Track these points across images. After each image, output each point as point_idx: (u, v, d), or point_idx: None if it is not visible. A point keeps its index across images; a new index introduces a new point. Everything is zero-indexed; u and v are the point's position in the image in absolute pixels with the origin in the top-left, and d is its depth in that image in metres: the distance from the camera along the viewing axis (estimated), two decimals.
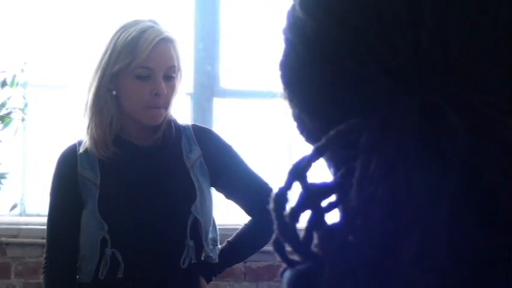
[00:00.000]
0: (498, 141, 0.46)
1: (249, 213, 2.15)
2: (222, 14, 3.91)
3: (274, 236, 0.49)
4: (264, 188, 2.09)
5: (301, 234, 0.49)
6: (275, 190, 0.49)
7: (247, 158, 2.17)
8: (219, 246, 2.11)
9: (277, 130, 3.85)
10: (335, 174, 0.53)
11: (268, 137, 3.92)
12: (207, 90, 3.86)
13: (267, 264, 3.53)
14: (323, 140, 0.49)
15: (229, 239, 2.15)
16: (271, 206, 0.49)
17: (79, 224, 2.01)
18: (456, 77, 0.49)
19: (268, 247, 0.54)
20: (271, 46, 3.70)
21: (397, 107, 0.48)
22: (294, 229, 0.49)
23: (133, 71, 1.96)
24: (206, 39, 3.87)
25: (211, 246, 2.06)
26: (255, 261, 3.47)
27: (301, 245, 0.49)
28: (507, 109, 0.48)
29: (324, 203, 0.49)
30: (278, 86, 0.58)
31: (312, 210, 0.49)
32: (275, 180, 2.11)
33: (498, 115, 0.47)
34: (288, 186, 0.49)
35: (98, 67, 1.98)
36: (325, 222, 0.49)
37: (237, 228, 2.18)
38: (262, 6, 3.89)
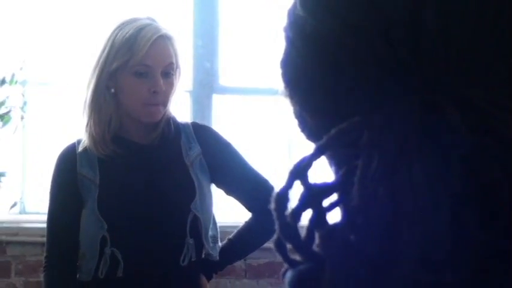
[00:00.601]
0: (499, 139, 0.46)
1: (249, 210, 2.15)
2: (221, 10, 3.91)
3: (275, 235, 0.49)
4: (264, 185, 2.09)
5: (303, 234, 0.49)
6: (276, 190, 0.49)
7: (246, 155, 2.17)
8: (220, 244, 2.11)
9: (277, 127, 3.85)
10: (336, 173, 0.53)
11: (268, 134, 3.92)
12: (206, 87, 3.86)
13: (268, 262, 3.53)
14: (324, 139, 0.49)
15: (230, 237, 2.15)
16: (272, 205, 0.49)
17: (79, 222, 2.01)
18: (457, 75, 0.49)
19: (269, 244, 0.53)
20: (271, 43, 3.70)
21: (398, 105, 0.47)
22: (296, 229, 0.49)
23: (132, 69, 1.96)
24: (205, 36, 3.86)
25: (211, 244, 2.06)
26: (255, 259, 3.47)
27: (303, 244, 0.48)
28: (508, 107, 0.47)
29: (326, 203, 0.49)
30: (279, 84, 0.57)
31: (313, 209, 0.49)
32: (275, 178, 2.11)
33: (499, 113, 0.47)
34: (289, 185, 0.49)
35: (96, 65, 1.97)
36: (326, 222, 0.48)
37: (238, 226, 2.18)
38: (262, 3, 3.88)
